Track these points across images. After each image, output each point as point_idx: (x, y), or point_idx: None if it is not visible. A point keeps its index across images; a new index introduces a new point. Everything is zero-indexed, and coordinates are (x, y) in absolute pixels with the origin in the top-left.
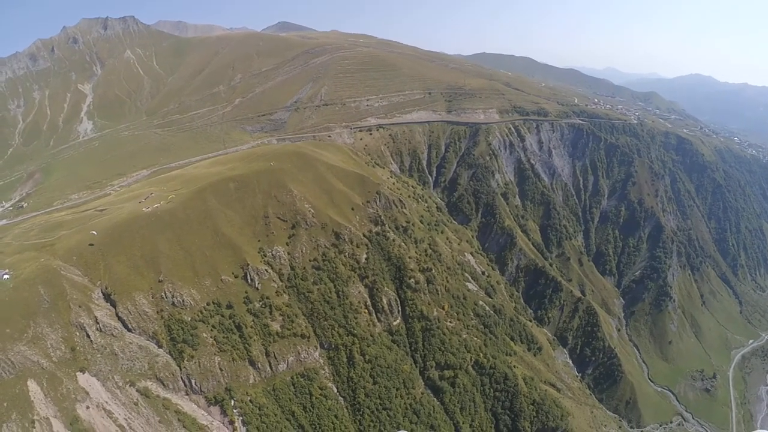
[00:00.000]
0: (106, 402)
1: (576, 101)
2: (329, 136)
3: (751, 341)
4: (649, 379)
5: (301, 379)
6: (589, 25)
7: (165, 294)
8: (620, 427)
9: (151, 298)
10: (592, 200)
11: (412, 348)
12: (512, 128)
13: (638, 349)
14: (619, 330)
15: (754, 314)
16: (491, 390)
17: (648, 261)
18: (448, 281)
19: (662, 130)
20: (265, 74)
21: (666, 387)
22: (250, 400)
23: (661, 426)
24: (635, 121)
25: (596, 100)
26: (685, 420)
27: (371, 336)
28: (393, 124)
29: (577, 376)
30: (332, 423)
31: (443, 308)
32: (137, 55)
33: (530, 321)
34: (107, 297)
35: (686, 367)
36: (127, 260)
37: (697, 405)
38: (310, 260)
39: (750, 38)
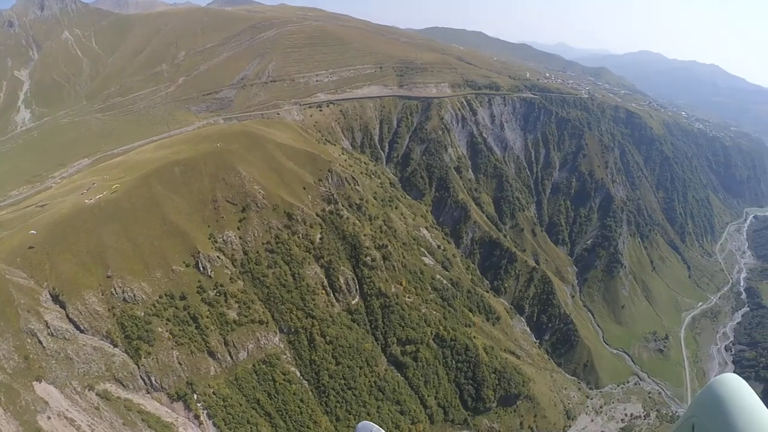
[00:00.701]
0: (67, 410)
1: (528, 76)
2: (278, 114)
3: (700, 304)
4: (605, 342)
5: (263, 366)
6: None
7: (115, 290)
8: (579, 389)
9: (101, 296)
10: (543, 172)
11: (373, 326)
12: (465, 102)
13: (593, 314)
14: (573, 297)
15: (702, 278)
16: (453, 361)
17: (599, 230)
18: (404, 257)
19: (612, 104)
20: (209, 51)
21: (621, 349)
22: (213, 393)
23: (618, 386)
24: (586, 96)
25: (548, 74)
26: (641, 379)
27: (330, 317)
28: (343, 99)
29: (535, 343)
30: (298, 407)
31: (401, 284)
32: (75, 36)
33: (487, 292)
34: (56, 298)
35: (639, 330)
36: (73, 257)
37: (651, 365)
38: (263, 243)
39: (697, 17)
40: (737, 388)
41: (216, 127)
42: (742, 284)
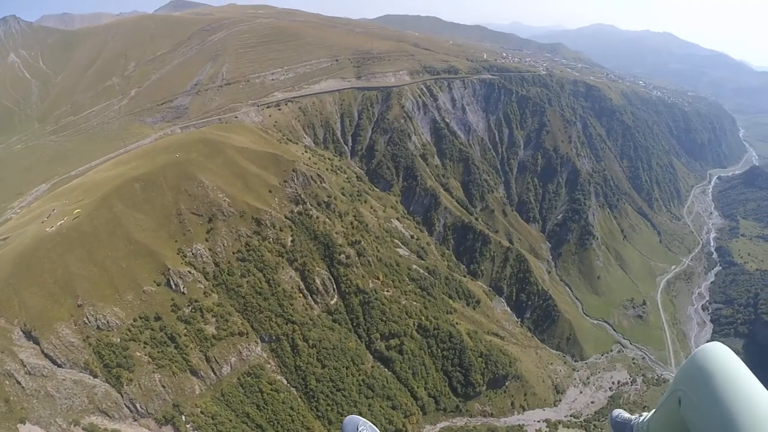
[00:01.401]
0: None
1: (485, 57)
2: (236, 117)
3: (673, 267)
4: (585, 313)
5: (249, 378)
6: None
7: (87, 318)
8: (565, 362)
9: (74, 326)
10: (509, 152)
11: (354, 324)
12: (424, 89)
13: (570, 288)
14: (549, 272)
15: (672, 242)
16: (439, 350)
17: (568, 204)
18: (378, 251)
19: (570, 78)
20: (160, 59)
21: (601, 319)
22: (201, 412)
23: (602, 355)
24: (544, 72)
25: (504, 54)
26: (624, 347)
27: (310, 320)
28: (302, 96)
29: (516, 322)
30: (289, 415)
31: (378, 279)
32: (22, 57)
33: (464, 276)
34: (28, 334)
35: (617, 299)
36: (41, 290)
37: (632, 331)
38: (233, 253)
39: None
40: (722, 357)
41: (173, 137)
42: (712, 244)
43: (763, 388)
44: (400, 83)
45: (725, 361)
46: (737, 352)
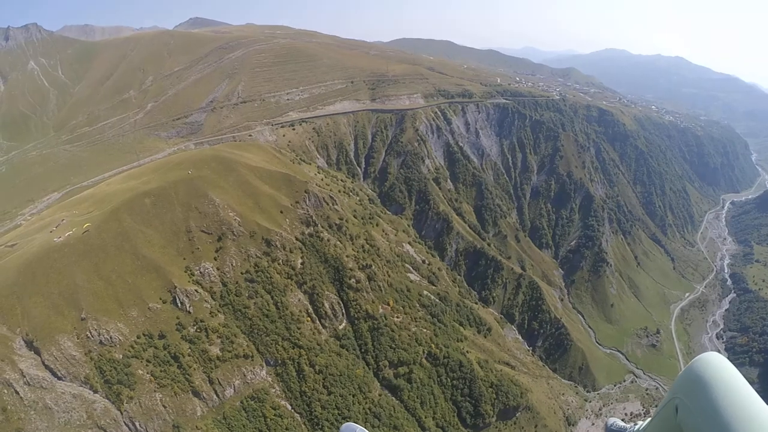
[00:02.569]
0: None
1: (499, 81)
2: (250, 135)
3: (687, 294)
4: (597, 342)
5: (252, 402)
6: (503, 6)
7: (90, 333)
8: (577, 393)
9: (76, 339)
10: (522, 177)
11: (363, 350)
12: (438, 112)
13: (583, 316)
14: (562, 300)
15: (686, 269)
16: (448, 379)
17: (582, 230)
18: (389, 275)
19: (584, 103)
20: (177, 74)
21: (614, 348)
22: None
23: (615, 386)
24: (557, 97)
25: (518, 78)
26: (637, 377)
27: (318, 344)
28: (316, 117)
29: (528, 351)
30: None
31: (388, 304)
32: (41, 66)
33: (476, 303)
34: (30, 345)
35: (630, 327)
36: (45, 300)
37: (646, 361)
38: (241, 273)
39: (659, 12)
40: (719, 366)
41: (186, 153)
42: (726, 271)
43: (759, 398)
44: (415, 106)
45: (722, 370)
46: (752, 382)
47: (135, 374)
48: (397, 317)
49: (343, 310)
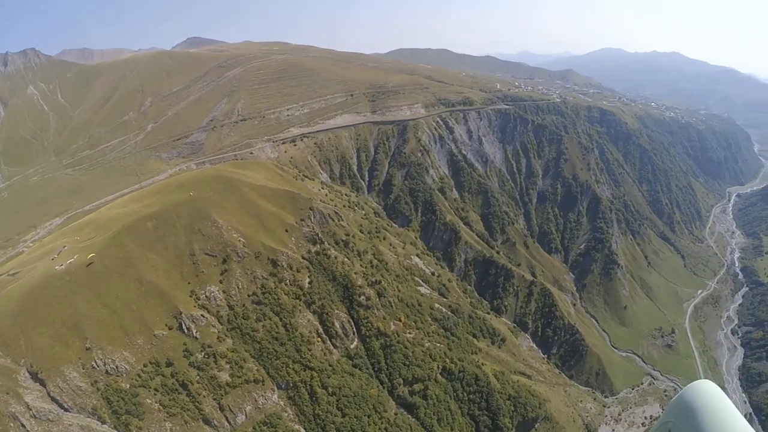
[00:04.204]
0: None
1: (498, 87)
2: (251, 153)
3: (699, 291)
4: (613, 346)
5: (264, 428)
6: (496, 11)
7: (96, 362)
8: (595, 399)
9: (82, 370)
10: (527, 182)
11: (376, 369)
12: (440, 121)
13: (596, 320)
14: (574, 305)
15: (697, 265)
16: (465, 394)
17: (590, 233)
18: (399, 290)
19: (584, 105)
20: (176, 94)
21: (630, 351)
22: None
23: (633, 389)
24: (558, 100)
25: (517, 83)
26: (654, 378)
27: (330, 365)
28: (317, 131)
29: (543, 359)
30: None
31: (400, 320)
32: (41, 90)
33: (488, 313)
34: (35, 376)
35: (645, 328)
36: (48, 330)
37: (662, 362)
38: (248, 295)
39: (652, 8)
40: (710, 394)
41: (188, 174)
42: (737, 265)
43: (747, 423)
44: (416, 116)
45: (713, 397)
46: None
47: (143, 404)
48: (410, 333)
49: (354, 329)
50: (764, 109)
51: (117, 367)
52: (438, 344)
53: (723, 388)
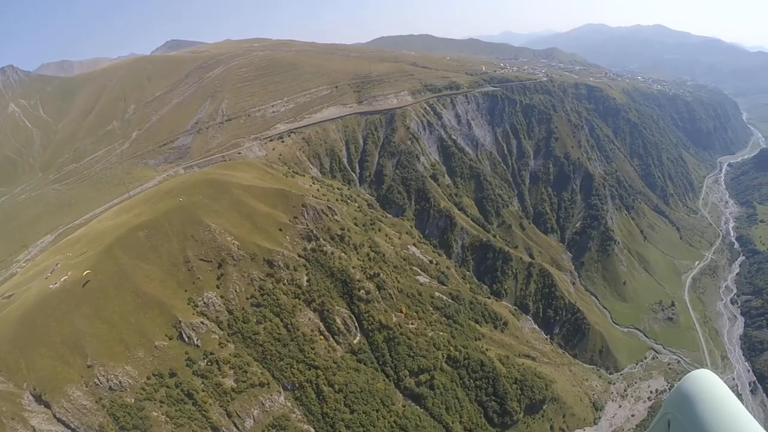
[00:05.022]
0: None
1: (484, 69)
2: (239, 153)
3: (697, 263)
4: (614, 322)
5: (274, 430)
6: None
7: (98, 379)
8: (600, 376)
9: (85, 388)
10: (519, 163)
11: (381, 362)
12: (427, 107)
13: (596, 297)
14: (574, 283)
15: (693, 237)
16: (471, 380)
17: (585, 210)
18: (398, 281)
19: (571, 82)
20: (159, 99)
21: (632, 326)
22: None
23: (637, 364)
24: (545, 78)
25: (503, 64)
26: (657, 353)
27: (334, 363)
28: (304, 126)
29: (546, 339)
30: None
31: (401, 311)
32: (22, 107)
33: (488, 298)
34: (39, 399)
35: (645, 303)
36: (49, 351)
37: (664, 335)
38: (247, 299)
39: None
40: (709, 383)
41: (176, 179)
42: (732, 234)
43: (747, 412)
44: (403, 104)
45: (712, 386)
46: None
47: (150, 417)
48: (412, 323)
49: (356, 324)
50: (750, 76)
51: (120, 382)
52: (441, 333)
53: (726, 357)
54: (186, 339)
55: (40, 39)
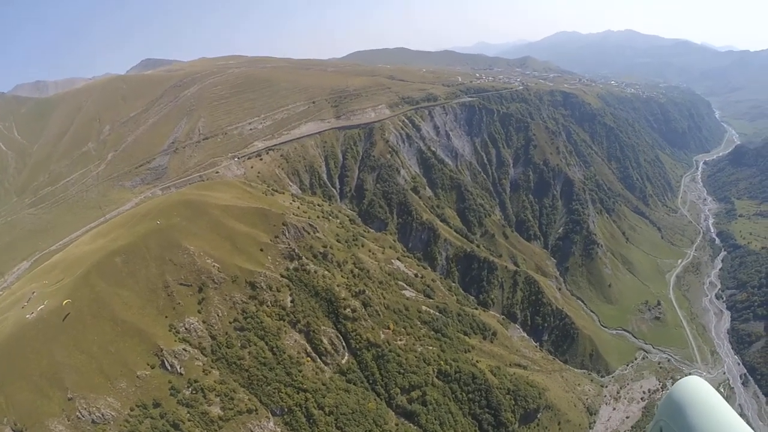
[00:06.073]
0: None
1: (460, 80)
2: (217, 173)
3: (679, 261)
4: (602, 325)
5: None
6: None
7: (80, 412)
8: (592, 380)
9: (67, 422)
10: (499, 172)
11: (370, 381)
12: (406, 120)
13: (583, 302)
14: (560, 289)
15: (674, 236)
16: (463, 394)
17: (567, 216)
18: (384, 297)
19: (546, 89)
20: (134, 119)
21: (620, 328)
22: None
23: (628, 365)
24: (520, 87)
25: (478, 75)
26: (647, 353)
27: (323, 384)
28: (282, 143)
29: (536, 347)
30: None
31: (389, 328)
32: None
33: (476, 309)
34: None
35: (631, 304)
36: (27, 384)
37: (653, 335)
38: (230, 323)
39: None
40: (699, 390)
41: (153, 201)
42: (712, 231)
43: (738, 417)
44: (381, 118)
45: (702, 393)
46: (759, 336)
47: None
48: (401, 340)
49: (344, 343)
50: (721, 76)
51: (102, 414)
52: (430, 347)
53: (715, 352)
54: (169, 367)
55: (14, 60)
